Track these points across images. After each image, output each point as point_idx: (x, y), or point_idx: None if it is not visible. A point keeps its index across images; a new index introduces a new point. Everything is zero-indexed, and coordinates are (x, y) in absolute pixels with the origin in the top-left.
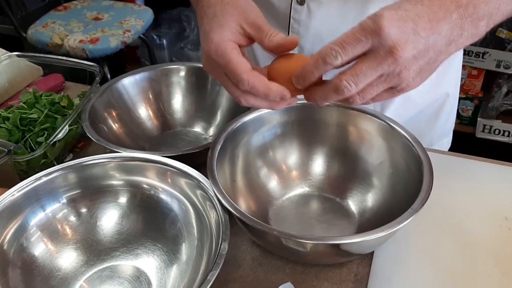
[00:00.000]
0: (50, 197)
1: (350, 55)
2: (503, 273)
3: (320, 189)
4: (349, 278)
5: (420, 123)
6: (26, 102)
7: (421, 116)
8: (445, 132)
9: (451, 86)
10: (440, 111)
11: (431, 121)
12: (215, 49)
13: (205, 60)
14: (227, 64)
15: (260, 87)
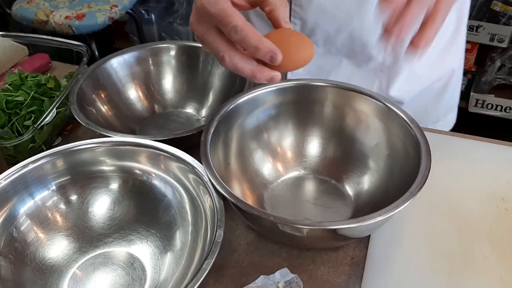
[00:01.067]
0: (39, 184)
1: None
2: (500, 255)
3: (316, 172)
4: (346, 262)
5: (426, 99)
6: (12, 84)
7: (427, 92)
8: (450, 107)
9: (456, 62)
10: (446, 87)
11: (437, 97)
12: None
13: (195, 13)
14: (221, 12)
15: (253, 37)
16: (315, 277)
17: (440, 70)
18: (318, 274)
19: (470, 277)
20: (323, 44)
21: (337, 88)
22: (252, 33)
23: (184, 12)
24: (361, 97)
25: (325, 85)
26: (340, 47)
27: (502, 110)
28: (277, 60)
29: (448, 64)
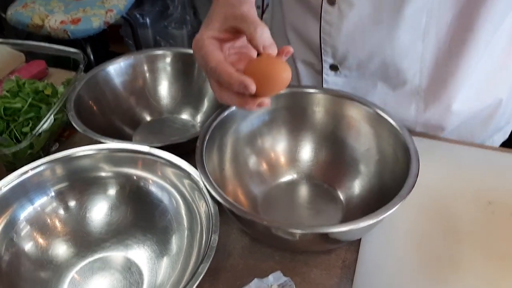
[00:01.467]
0: (38, 190)
1: None
2: (486, 256)
3: (308, 176)
4: (338, 264)
5: (471, 125)
6: (10, 91)
7: (472, 120)
8: (496, 130)
9: (505, 90)
10: (492, 117)
11: (482, 125)
12: (195, 44)
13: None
14: (202, 57)
15: (224, 74)
16: (308, 280)
17: (486, 99)
18: (311, 277)
19: (457, 278)
20: (356, 68)
21: (329, 95)
22: (224, 71)
23: (179, 16)
24: (352, 104)
25: (317, 92)
26: (373, 71)
27: None
28: (250, 89)
29: (496, 93)
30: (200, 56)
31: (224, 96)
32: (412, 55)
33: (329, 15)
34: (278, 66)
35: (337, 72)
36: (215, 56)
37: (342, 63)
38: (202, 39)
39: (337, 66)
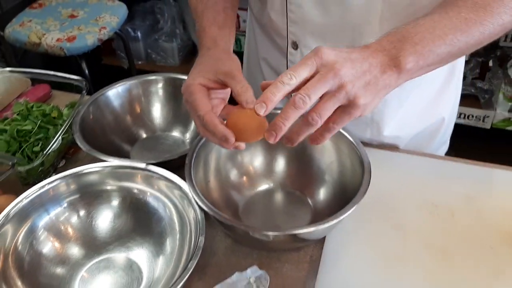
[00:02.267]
0: (53, 202)
1: (301, 76)
2: (429, 252)
3: (282, 185)
4: (306, 260)
5: (419, 142)
6: (20, 114)
7: (419, 137)
8: (441, 143)
9: (447, 110)
10: (436, 133)
11: (429, 140)
12: (186, 88)
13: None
14: (193, 102)
15: (210, 124)
16: (280, 273)
17: (429, 119)
18: (283, 271)
19: (405, 270)
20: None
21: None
22: (210, 121)
23: (169, 29)
24: None
25: None
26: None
27: (465, 117)
28: (229, 142)
29: (439, 113)
30: (191, 101)
31: (206, 135)
32: None
33: (293, 56)
34: (256, 122)
35: None
36: (204, 104)
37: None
38: (193, 85)
39: None
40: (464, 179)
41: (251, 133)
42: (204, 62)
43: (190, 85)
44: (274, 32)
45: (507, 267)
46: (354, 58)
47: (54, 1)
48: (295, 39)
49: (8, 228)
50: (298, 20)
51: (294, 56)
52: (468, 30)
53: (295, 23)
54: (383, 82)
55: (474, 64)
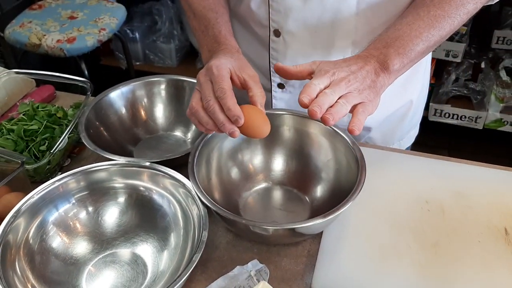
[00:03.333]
0: (62, 198)
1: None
2: (420, 245)
3: (281, 183)
4: (304, 254)
5: (391, 123)
6: (26, 114)
7: (391, 118)
8: (411, 126)
9: (415, 94)
10: (406, 114)
11: (399, 122)
12: (218, 64)
13: (205, 70)
14: (219, 75)
15: (230, 100)
16: (280, 267)
17: (399, 102)
18: (282, 264)
19: (398, 263)
20: (299, 86)
21: (294, 116)
22: (231, 97)
23: (167, 31)
24: (314, 122)
25: (285, 113)
26: None
27: (458, 118)
28: (239, 123)
29: (407, 96)
30: (215, 75)
31: (215, 107)
32: None
33: (275, 44)
34: (264, 120)
35: (283, 89)
36: (228, 82)
37: (287, 82)
38: (222, 65)
39: (283, 84)
40: (455, 177)
41: (255, 129)
42: (227, 57)
43: (220, 64)
44: (254, 23)
45: (494, 259)
46: (354, 70)
47: (54, 2)
48: (277, 27)
49: (20, 223)
50: (280, 8)
51: (276, 44)
52: (439, 25)
53: (277, 11)
54: (379, 83)
55: (466, 65)
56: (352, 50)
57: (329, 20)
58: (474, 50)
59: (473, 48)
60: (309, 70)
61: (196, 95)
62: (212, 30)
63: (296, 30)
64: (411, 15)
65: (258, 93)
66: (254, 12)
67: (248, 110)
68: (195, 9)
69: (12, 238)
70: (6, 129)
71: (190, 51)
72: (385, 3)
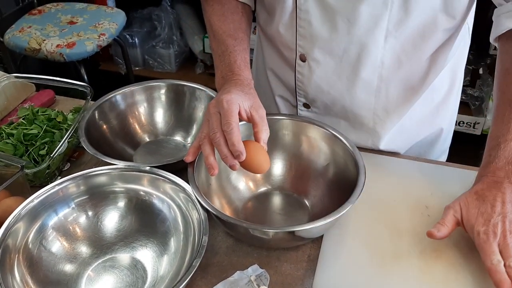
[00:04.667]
0: (62, 203)
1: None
2: (421, 250)
3: (281, 187)
4: (304, 259)
5: (419, 149)
6: (26, 119)
7: (419, 145)
8: (441, 152)
9: (446, 121)
10: (435, 142)
11: (428, 148)
12: (228, 99)
13: (215, 101)
14: (228, 111)
15: (236, 136)
16: (280, 272)
17: (429, 129)
18: (282, 269)
19: (397, 268)
20: (323, 109)
21: (294, 120)
22: (236, 133)
23: (166, 36)
24: (313, 127)
25: (284, 118)
26: (337, 113)
27: (456, 124)
28: (240, 159)
29: (437, 124)
30: (225, 110)
31: (221, 140)
32: (366, 106)
33: (301, 68)
34: (264, 158)
35: (309, 109)
36: (236, 118)
37: (312, 104)
38: (233, 100)
39: (308, 105)
40: (455, 182)
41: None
42: (238, 91)
43: (230, 99)
44: (282, 45)
45: None
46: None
47: (54, 7)
48: (303, 52)
49: (20, 227)
50: (307, 35)
51: (302, 68)
52: None
53: (304, 37)
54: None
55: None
56: (378, 84)
57: (355, 52)
58: (473, 56)
59: (471, 54)
60: (456, 221)
61: (205, 126)
62: (229, 58)
63: (321, 58)
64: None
65: (263, 130)
66: (282, 34)
67: (250, 146)
68: (215, 31)
69: (12, 242)
70: (6, 134)
71: (189, 57)
72: (414, 38)
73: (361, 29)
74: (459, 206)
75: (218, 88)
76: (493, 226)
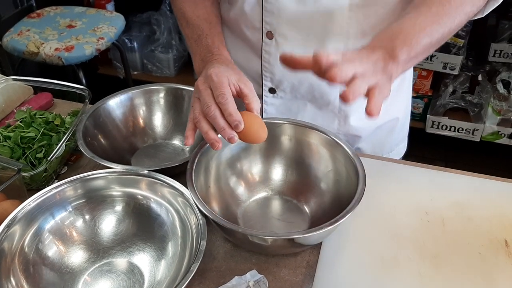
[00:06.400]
0: (59, 206)
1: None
2: (420, 257)
3: (280, 193)
4: (303, 265)
5: (379, 135)
6: (23, 121)
7: (378, 131)
8: (400, 139)
9: (401, 111)
10: (393, 130)
11: (388, 134)
12: (217, 72)
13: (203, 77)
14: (219, 82)
15: (232, 106)
16: (278, 277)
17: (386, 117)
18: (281, 275)
19: (398, 274)
20: (290, 91)
21: (295, 125)
22: (232, 103)
23: (165, 40)
24: (314, 132)
25: (285, 123)
26: (303, 94)
27: (455, 130)
28: (239, 128)
29: (393, 114)
30: (215, 82)
31: (216, 112)
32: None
33: (268, 46)
34: (261, 126)
35: (274, 94)
36: (228, 88)
37: (279, 86)
38: (221, 73)
39: (274, 89)
40: (455, 188)
41: (253, 135)
42: (222, 66)
43: (219, 72)
44: (246, 26)
45: (494, 271)
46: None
47: (53, 11)
48: (270, 29)
49: (16, 230)
50: (274, 10)
51: (269, 46)
52: (441, 21)
53: (271, 13)
54: (389, 70)
55: (464, 78)
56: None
57: (322, 23)
58: (471, 63)
59: (470, 61)
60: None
61: (196, 104)
62: (206, 40)
63: (288, 32)
64: (413, 12)
65: (254, 100)
66: (247, 14)
67: (246, 116)
68: (188, 17)
69: (7, 246)
70: (3, 136)
71: (188, 61)
72: (376, 7)
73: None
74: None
75: (198, 72)
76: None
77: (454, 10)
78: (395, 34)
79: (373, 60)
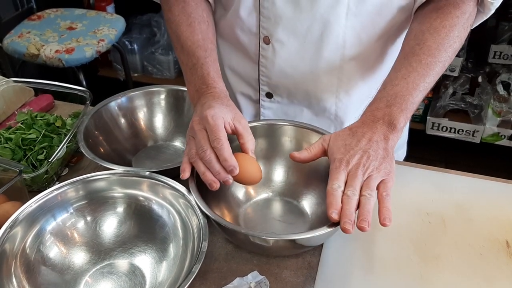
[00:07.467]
0: (61, 208)
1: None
2: (421, 258)
3: (281, 194)
4: (304, 266)
5: None
6: (24, 123)
7: None
8: (398, 146)
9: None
10: None
11: None
12: (213, 114)
13: (198, 118)
14: (215, 126)
15: (227, 151)
16: (280, 279)
17: None
18: (282, 276)
19: (399, 275)
20: (287, 96)
21: (295, 127)
22: (227, 148)
23: (165, 43)
24: (314, 133)
25: (286, 124)
26: (300, 100)
27: (455, 132)
28: (234, 173)
29: None
30: (211, 125)
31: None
32: (329, 88)
33: (265, 51)
34: (256, 168)
35: (271, 99)
36: (224, 132)
37: (275, 91)
38: (217, 114)
39: (271, 94)
40: (456, 189)
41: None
42: (218, 104)
43: (214, 114)
44: (243, 31)
45: (495, 272)
46: (365, 147)
47: (53, 13)
48: (267, 34)
49: (17, 231)
50: (270, 15)
51: (266, 51)
52: (432, 72)
53: (267, 18)
54: (390, 147)
55: (464, 80)
56: (340, 64)
57: (318, 30)
58: (471, 65)
59: (470, 63)
60: (322, 149)
61: (191, 143)
62: (201, 70)
63: (285, 38)
64: (405, 68)
65: (248, 140)
66: (243, 19)
67: (240, 158)
68: (183, 42)
69: (9, 247)
70: (4, 138)
71: None
72: (372, 15)
73: (323, 5)
74: (329, 137)
75: (193, 102)
76: (350, 156)
77: (444, 54)
78: (390, 99)
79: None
